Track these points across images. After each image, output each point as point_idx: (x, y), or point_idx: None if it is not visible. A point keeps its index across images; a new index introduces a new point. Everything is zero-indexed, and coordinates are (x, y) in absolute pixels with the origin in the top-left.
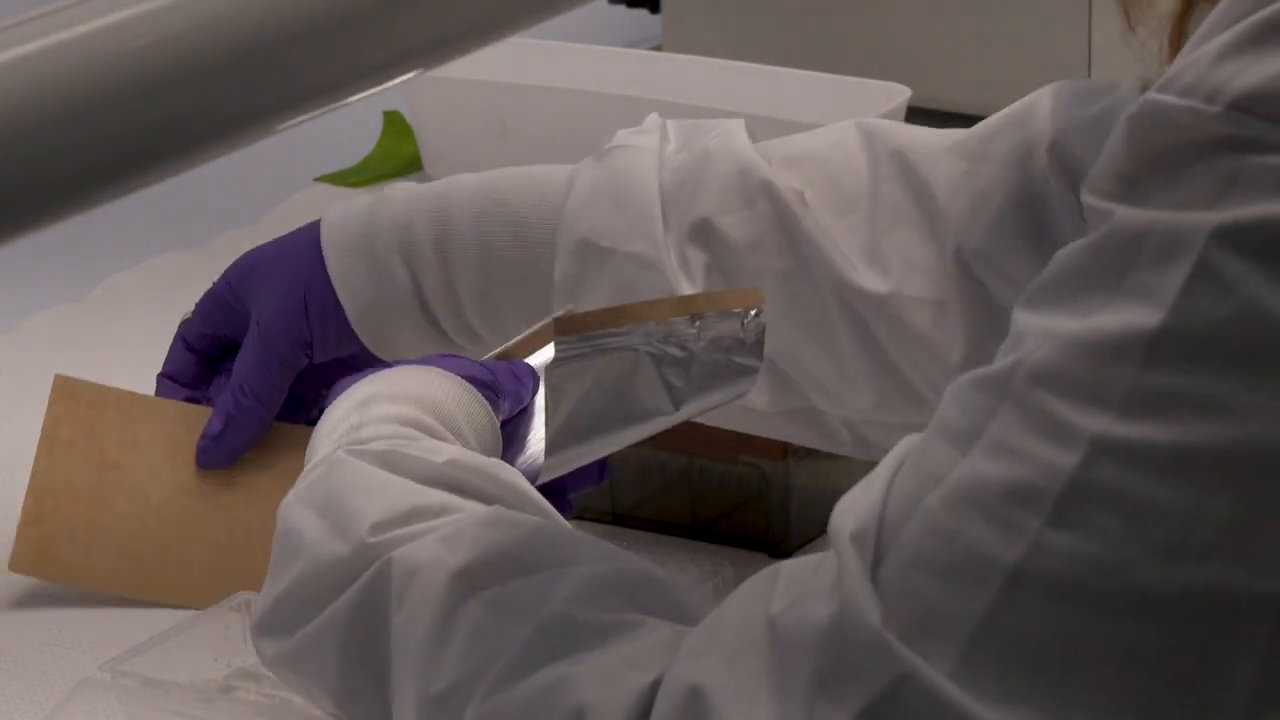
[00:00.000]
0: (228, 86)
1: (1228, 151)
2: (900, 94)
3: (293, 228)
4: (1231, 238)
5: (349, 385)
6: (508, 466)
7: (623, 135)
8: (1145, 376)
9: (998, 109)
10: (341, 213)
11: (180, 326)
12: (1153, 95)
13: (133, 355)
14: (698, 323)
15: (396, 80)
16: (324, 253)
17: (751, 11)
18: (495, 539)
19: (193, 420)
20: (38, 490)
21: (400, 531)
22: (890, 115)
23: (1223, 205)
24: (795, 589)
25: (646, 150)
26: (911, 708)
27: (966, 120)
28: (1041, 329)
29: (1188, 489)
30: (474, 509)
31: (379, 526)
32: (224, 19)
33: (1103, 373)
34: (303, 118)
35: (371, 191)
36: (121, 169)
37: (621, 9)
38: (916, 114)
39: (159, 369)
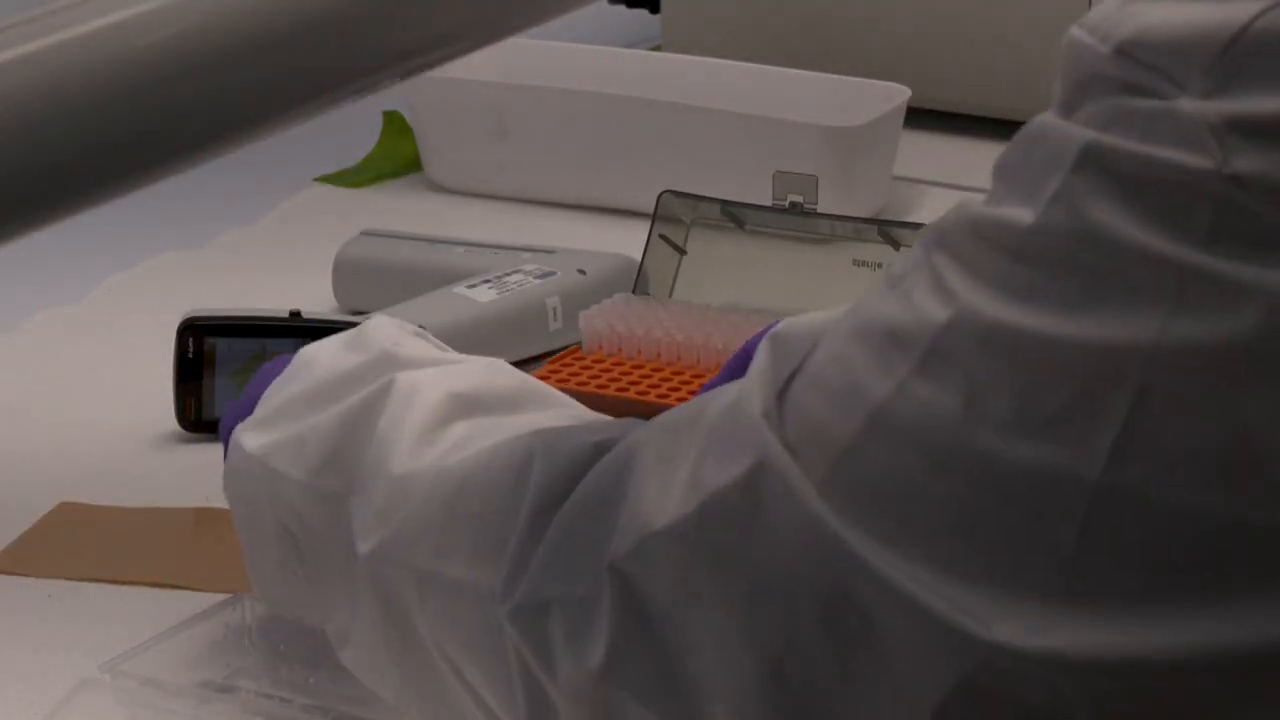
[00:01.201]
0: (227, 86)
1: (1113, 92)
2: (900, 94)
3: (292, 228)
4: (1094, 162)
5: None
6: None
7: None
8: (1014, 265)
9: (998, 109)
10: (793, 326)
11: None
12: (1073, 28)
13: (133, 355)
14: None
15: (396, 80)
16: None
17: (751, 11)
18: (495, 380)
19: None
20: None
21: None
22: (890, 115)
23: (1096, 127)
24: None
25: None
26: (771, 492)
27: (967, 120)
28: (963, 202)
29: (1028, 371)
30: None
31: (400, 343)
32: (224, 19)
33: (984, 252)
34: (303, 118)
35: (370, 192)
36: (121, 169)
37: (621, 9)
38: (916, 114)
39: (157, 369)
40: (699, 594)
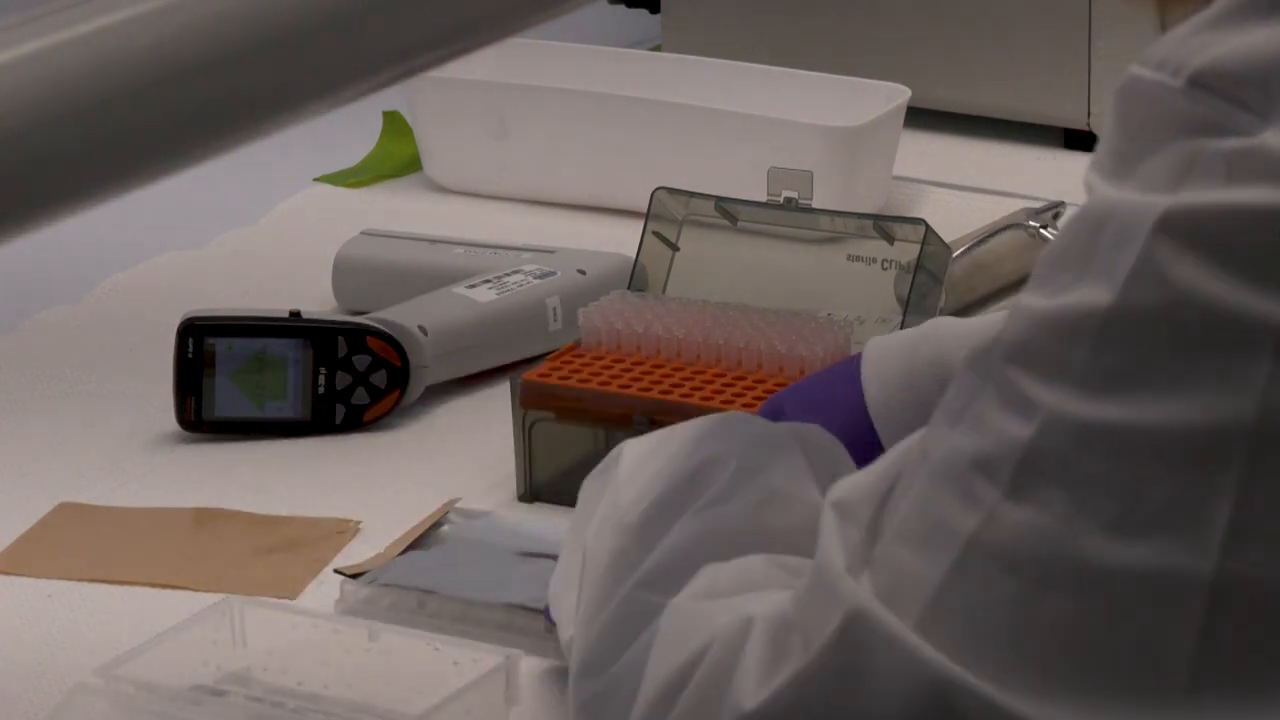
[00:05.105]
0: (227, 86)
1: (1189, 133)
2: (900, 94)
3: (292, 228)
4: (1176, 226)
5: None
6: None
7: None
8: (1098, 355)
9: (998, 109)
10: (882, 345)
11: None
12: (1134, 67)
13: (132, 355)
14: None
15: (396, 80)
16: (864, 385)
17: (751, 11)
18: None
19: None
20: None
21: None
22: (890, 115)
23: (1180, 189)
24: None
25: None
26: (866, 644)
27: (966, 120)
28: (1021, 304)
29: (1130, 467)
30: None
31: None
32: (224, 19)
33: (1061, 348)
34: (303, 118)
35: (370, 192)
36: (121, 169)
37: (621, 9)
38: (916, 114)
39: (159, 369)
40: None
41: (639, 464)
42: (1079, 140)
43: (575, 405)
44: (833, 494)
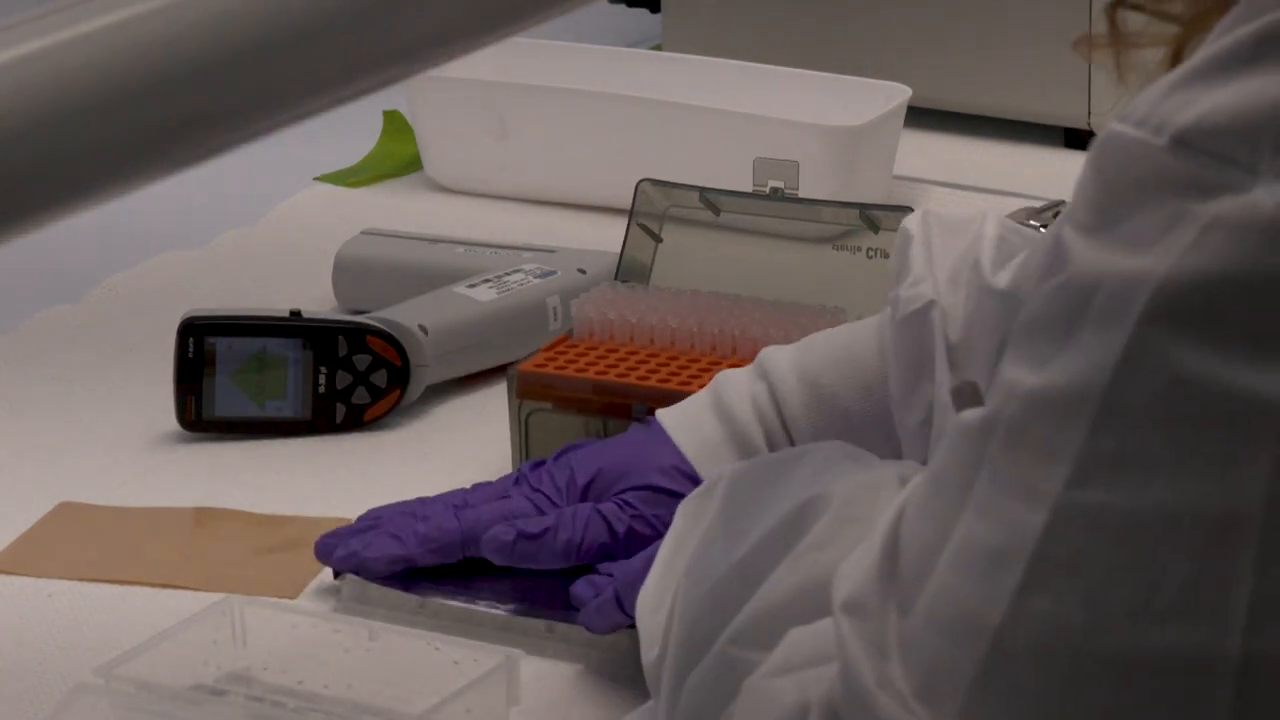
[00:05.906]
0: (228, 86)
1: (1173, 193)
2: (900, 94)
3: (292, 228)
4: (1167, 303)
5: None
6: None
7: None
8: (1095, 438)
9: (998, 109)
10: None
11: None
12: (1113, 123)
13: (132, 356)
14: None
15: (396, 80)
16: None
17: (751, 11)
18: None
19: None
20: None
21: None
22: (890, 115)
23: (1168, 256)
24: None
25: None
26: None
27: (967, 120)
28: (1009, 379)
29: (1144, 552)
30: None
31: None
32: (224, 19)
33: (1058, 431)
34: (302, 118)
35: (370, 192)
36: (121, 168)
37: (621, 9)
38: (916, 114)
39: (157, 369)
40: None
41: (741, 496)
42: (1079, 140)
43: (573, 395)
44: (837, 597)
